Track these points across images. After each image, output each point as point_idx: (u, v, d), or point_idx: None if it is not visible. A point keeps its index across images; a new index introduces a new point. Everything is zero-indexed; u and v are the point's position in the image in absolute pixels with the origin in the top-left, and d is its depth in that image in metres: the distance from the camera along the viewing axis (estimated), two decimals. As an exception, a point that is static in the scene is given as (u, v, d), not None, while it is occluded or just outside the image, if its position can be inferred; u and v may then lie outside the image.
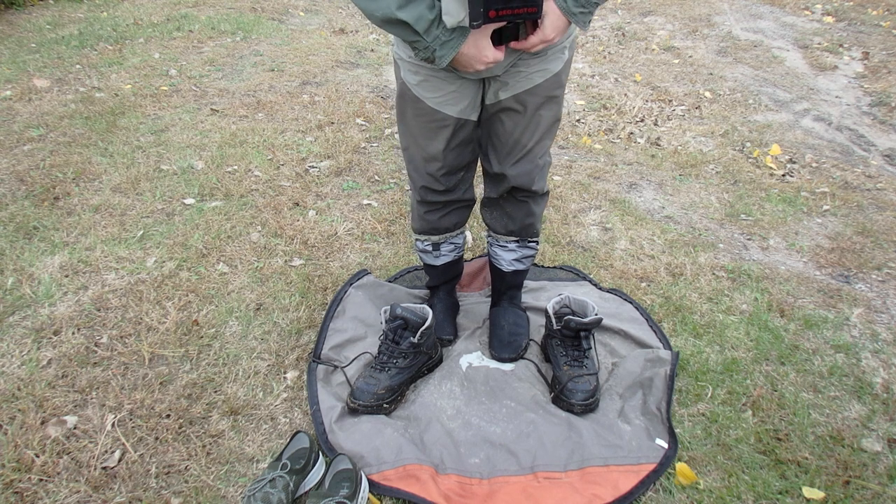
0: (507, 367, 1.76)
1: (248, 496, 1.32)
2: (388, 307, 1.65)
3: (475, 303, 2.04)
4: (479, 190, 1.81)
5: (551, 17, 1.31)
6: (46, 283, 2.01)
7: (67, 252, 2.16)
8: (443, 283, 1.93)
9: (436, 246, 1.81)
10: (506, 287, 1.90)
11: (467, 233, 2.34)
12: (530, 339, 1.86)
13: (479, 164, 1.71)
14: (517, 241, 1.77)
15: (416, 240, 1.84)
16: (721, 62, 4.30)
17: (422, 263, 1.94)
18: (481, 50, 1.30)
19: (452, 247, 1.84)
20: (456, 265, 1.91)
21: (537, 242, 1.82)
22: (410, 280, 2.12)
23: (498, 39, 1.33)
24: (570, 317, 1.65)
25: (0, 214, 2.35)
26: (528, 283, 2.06)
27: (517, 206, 1.69)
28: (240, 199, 2.51)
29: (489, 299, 2.03)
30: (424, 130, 1.55)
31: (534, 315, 1.95)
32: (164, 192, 2.53)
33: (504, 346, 1.80)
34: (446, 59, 1.29)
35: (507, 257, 1.80)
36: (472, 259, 2.22)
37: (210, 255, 2.17)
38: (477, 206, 1.87)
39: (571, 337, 1.67)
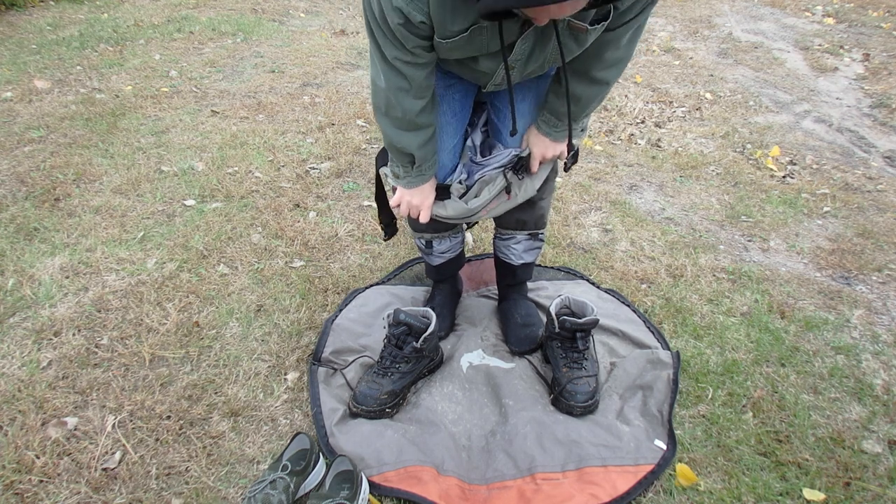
0: (508, 365, 1.76)
1: (248, 497, 1.32)
2: (392, 312, 1.64)
3: (473, 301, 2.04)
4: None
5: (532, 136, 1.48)
6: (47, 284, 2.01)
7: (68, 253, 2.16)
8: (441, 279, 1.93)
9: (429, 244, 1.80)
10: (516, 281, 1.91)
11: (468, 235, 2.34)
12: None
13: None
14: (528, 235, 1.78)
15: (413, 236, 1.85)
16: (721, 64, 4.30)
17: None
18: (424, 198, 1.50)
19: (449, 244, 1.82)
20: (455, 262, 1.90)
21: (544, 233, 1.82)
22: (411, 279, 2.11)
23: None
24: (566, 317, 1.65)
25: (1, 216, 2.35)
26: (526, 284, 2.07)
27: (528, 208, 1.69)
28: (240, 201, 2.51)
29: (487, 298, 2.03)
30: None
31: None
32: (165, 194, 2.53)
33: (521, 340, 1.82)
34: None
35: (518, 249, 1.80)
36: (470, 259, 2.22)
37: (211, 257, 2.17)
38: None
39: (569, 338, 1.67)
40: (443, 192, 1.53)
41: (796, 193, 2.73)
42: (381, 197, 1.71)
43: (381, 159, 1.59)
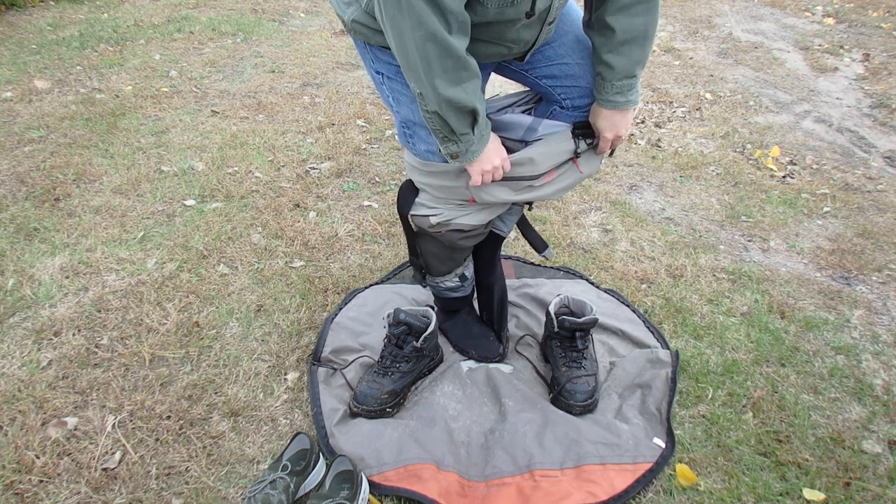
0: (507, 368, 1.76)
1: (248, 497, 1.32)
2: (392, 312, 1.64)
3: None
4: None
5: (602, 119, 1.35)
6: (47, 284, 2.01)
7: (68, 253, 2.16)
8: (460, 308, 1.86)
9: (462, 277, 1.73)
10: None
11: None
12: (528, 335, 1.86)
13: None
14: None
15: (440, 282, 1.73)
16: (722, 64, 4.30)
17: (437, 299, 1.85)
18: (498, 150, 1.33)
19: (471, 270, 1.77)
20: (471, 294, 1.86)
21: None
22: (410, 278, 2.11)
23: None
24: (566, 317, 1.65)
25: (1, 216, 2.35)
26: (526, 281, 2.08)
27: None
28: (240, 201, 2.51)
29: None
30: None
31: (534, 308, 1.97)
32: (165, 194, 2.54)
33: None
34: (479, 153, 1.29)
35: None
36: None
37: (211, 257, 2.17)
38: None
39: (568, 337, 1.67)
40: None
41: (796, 193, 2.73)
42: (413, 245, 1.64)
43: (405, 203, 1.51)
